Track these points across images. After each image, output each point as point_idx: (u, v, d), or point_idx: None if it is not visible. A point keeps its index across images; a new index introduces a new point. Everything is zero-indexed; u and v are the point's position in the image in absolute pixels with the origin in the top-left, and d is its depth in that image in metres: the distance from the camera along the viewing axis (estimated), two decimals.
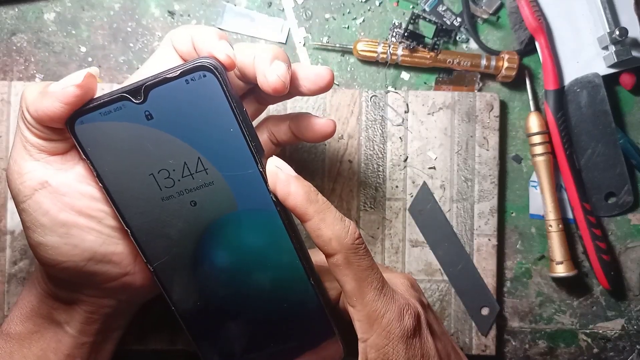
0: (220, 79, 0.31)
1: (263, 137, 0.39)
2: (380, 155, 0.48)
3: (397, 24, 0.50)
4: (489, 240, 0.49)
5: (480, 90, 0.50)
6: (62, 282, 0.36)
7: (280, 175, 0.33)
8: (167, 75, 0.31)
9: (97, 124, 0.32)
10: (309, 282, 0.35)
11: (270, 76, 0.32)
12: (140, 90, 0.31)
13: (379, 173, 0.48)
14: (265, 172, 0.33)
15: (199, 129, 0.32)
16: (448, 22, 0.50)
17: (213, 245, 0.35)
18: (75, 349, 0.37)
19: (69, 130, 0.32)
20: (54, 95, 0.30)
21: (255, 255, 0.35)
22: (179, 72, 0.31)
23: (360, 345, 0.33)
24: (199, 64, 0.31)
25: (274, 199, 0.33)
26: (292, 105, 0.48)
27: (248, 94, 0.38)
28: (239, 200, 0.34)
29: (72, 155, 0.34)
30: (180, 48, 0.33)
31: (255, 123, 0.39)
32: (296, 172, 0.34)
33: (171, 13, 0.49)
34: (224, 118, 0.32)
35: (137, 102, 0.32)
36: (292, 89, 0.34)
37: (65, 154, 0.33)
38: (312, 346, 0.37)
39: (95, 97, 0.32)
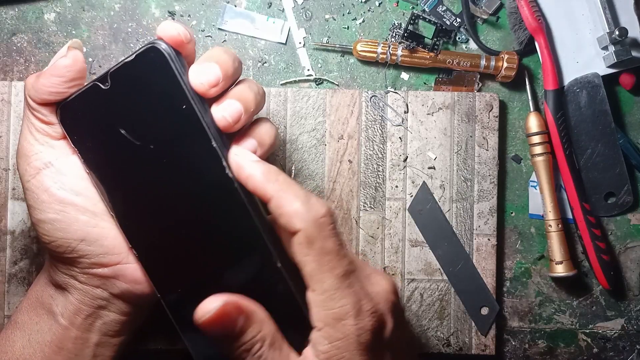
0: (169, 57, 0.33)
1: None
2: (380, 155, 0.48)
3: (396, 24, 0.50)
4: (489, 240, 0.49)
5: (479, 90, 0.50)
6: (60, 263, 0.37)
7: (240, 160, 0.33)
8: (126, 60, 0.34)
9: (78, 112, 0.35)
10: (276, 265, 0.34)
11: (192, 78, 0.33)
12: (107, 76, 0.34)
13: (379, 173, 0.48)
14: (219, 148, 0.33)
15: (156, 107, 0.34)
16: (448, 23, 0.50)
17: (182, 227, 0.36)
18: (67, 342, 0.37)
19: (57, 118, 0.35)
20: (48, 72, 0.34)
21: (218, 236, 0.35)
22: (134, 55, 0.34)
23: (313, 333, 0.32)
24: (150, 45, 0.33)
25: (235, 183, 0.34)
26: (293, 106, 0.48)
27: None
28: (198, 178, 0.35)
29: None
30: None
31: None
32: (296, 172, 0.34)
33: (171, 13, 0.49)
34: (177, 95, 0.33)
35: (106, 87, 0.34)
36: None
37: (66, 140, 0.36)
38: (284, 333, 0.36)
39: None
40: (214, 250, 0.36)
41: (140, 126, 0.34)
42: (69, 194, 0.35)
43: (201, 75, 0.33)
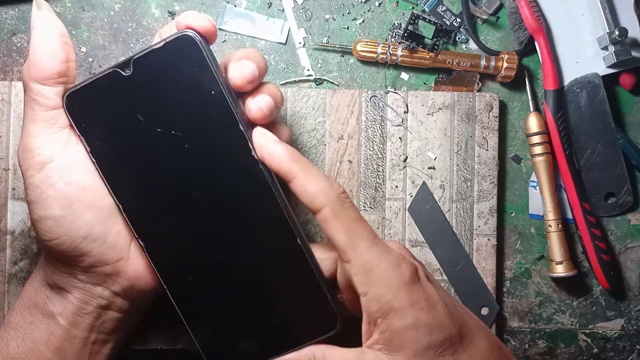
0: (201, 45, 0.34)
1: None
2: (380, 155, 0.48)
3: (396, 24, 0.50)
4: (489, 240, 0.49)
5: (479, 90, 0.50)
6: (59, 262, 0.37)
7: (265, 140, 0.35)
8: (153, 47, 0.34)
9: (90, 99, 0.35)
10: (298, 243, 0.36)
11: (232, 72, 0.35)
12: (130, 63, 0.34)
13: (379, 173, 0.48)
14: (246, 133, 0.35)
15: (183, 94, 0.35)
16: (448, 23, 0.50)
17: (201, 212, 0.36)
18: (65, 342, 0.37)
19: (63, 106, 0.35)
20: (35, 39, 0.34)
21: (242, 217, 0.36)
22: (163, 42, 0.34)
23: (362, 300, 0.33)
24: (181, 33, 0.34)
25: (260, 164, 0.35)
26: (292, 106, 0.48)
27: None
28: (223, 161, 0.35)
29: None
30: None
31: None
32: None
33: (172, 13, 0.49)
34: (206, 82, 0.34)
35: (127, 74, 0.34)
36: None
37: (72, 129, 0.36)
38: (305, 317, 0.37)
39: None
40: (235, 233, 0.36)
41: (162, 112, 0.35)
42: (75, 190, 0.35)
43: (241, 71, 0.35)
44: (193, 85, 0.34)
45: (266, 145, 0.35)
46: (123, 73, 0.34)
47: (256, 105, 0.36)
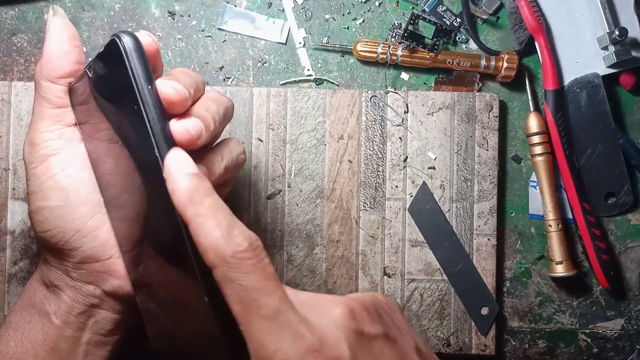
0: (126, 52, 0.30)
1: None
2: (380, 155, 0.48)
3: (396, 24, 0.50)
4: (489, 240, 0.49)
5: (479, 90, 0.50)
6: (52, 257, 0.37)
7: (172, 169, 0.29)
8: (99, 51, 0.33)
9: (80, 94, 0.35)
10: (204, 299, 0.29)
11: (160, 85, 0.31)
12: (90, 66, 0.34)
13: (379, 173, 0.48)
14: (161, 157, 0.30)
15: (119, 103, 0.32)
16: (448, 23, 0.50)
17: (150, 224, 0.35)
18: (59, 341, 0.37)
19: (70, 99, 0.35)
20: (50, 44, 0.35)
21: (163, 250, 0.35)
22: (103, 46, 0.32)
23: None
24: (111, 37, 0.31)
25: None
26: (292, 105, 0.48)
27: None
28: (148, 182, 0.32)
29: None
30: None
31: None
32: (296, 172, 0.34)
33: (171, 13, 0.49)
34: (131, 94, 0.30)
35: (91, 76, 0.34)
36: None
37: (76, 128, 0.37)
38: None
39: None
40: (159, 259, 0.35)
41: (111, 118, 0.34)
42: (74, 182, 0.36)
43: (169, 89, 0.31)
44: (124, 95, 0.31)
45: (172, 176, 0.29)
46: (89, 74, 0.34)
47: (181, 127, 0.31)
